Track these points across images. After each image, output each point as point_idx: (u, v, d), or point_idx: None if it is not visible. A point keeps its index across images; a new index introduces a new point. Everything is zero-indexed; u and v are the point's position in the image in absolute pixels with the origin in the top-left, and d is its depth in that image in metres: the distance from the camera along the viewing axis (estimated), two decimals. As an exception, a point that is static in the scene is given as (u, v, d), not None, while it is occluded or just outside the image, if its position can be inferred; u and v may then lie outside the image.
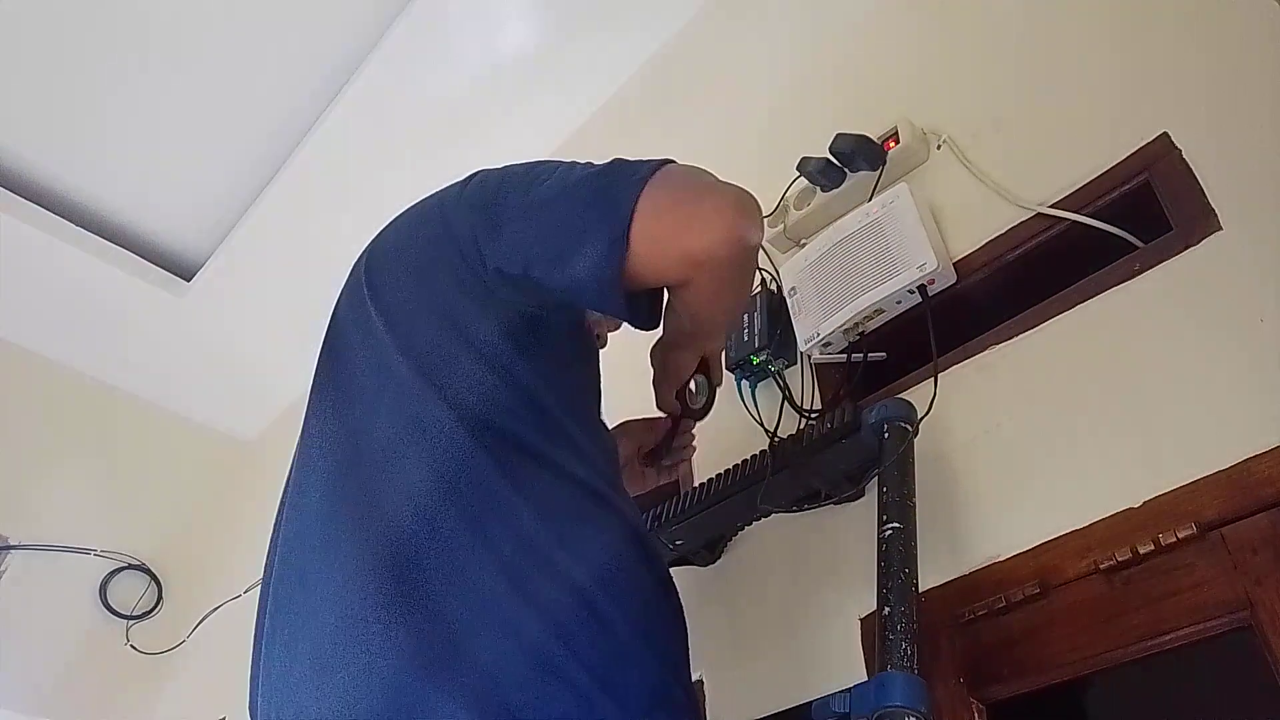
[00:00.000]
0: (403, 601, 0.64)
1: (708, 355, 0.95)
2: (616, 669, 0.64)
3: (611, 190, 0.72)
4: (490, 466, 0.69)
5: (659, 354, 0.94)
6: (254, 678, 0.75)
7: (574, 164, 0.79)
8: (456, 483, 0.68)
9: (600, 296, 0.71)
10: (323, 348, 0.87)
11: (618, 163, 0.77)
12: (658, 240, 0.71)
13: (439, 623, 0.63)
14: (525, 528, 0.67)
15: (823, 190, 1.23)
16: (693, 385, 0.97)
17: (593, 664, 0.63)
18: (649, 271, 0.72)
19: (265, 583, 0.79)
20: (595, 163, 0.79)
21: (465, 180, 0.84)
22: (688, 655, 0.75)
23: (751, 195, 0.77)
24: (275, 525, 0.84)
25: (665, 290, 0.79)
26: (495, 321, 0.75)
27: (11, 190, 2.26)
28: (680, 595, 1.19)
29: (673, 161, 0.77)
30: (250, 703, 0.75)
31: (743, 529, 1.12)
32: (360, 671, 0.62)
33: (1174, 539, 0.76)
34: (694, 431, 1.06)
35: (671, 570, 1.17)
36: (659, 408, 0.97)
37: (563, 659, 0.63)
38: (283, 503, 0.84)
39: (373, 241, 0.90)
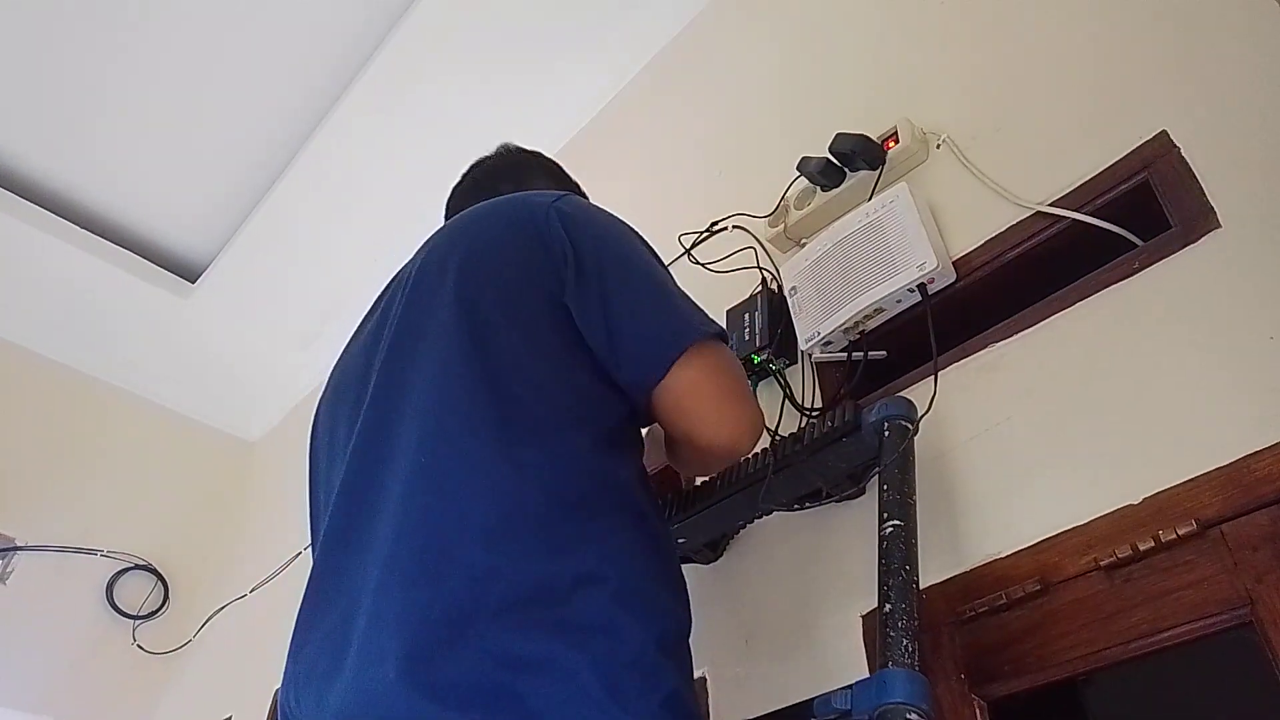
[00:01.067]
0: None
1: None
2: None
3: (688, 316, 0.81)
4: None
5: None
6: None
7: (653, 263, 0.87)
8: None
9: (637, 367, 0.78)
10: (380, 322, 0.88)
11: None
12: (688, 396, 0.79)
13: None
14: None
15: (823, 190, 1.23)
16: None
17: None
18: (659, 405, 0.79)
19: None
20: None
21: (557, 204, 0.86)
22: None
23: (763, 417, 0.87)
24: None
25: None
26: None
27: (18, 193, 2.27)
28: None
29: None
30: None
31: (744, 527, 1.13)
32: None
33: (1174, 536, 0.76)
34: None
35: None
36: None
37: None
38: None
39: (453, 235, 0.90)
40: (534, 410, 0.73)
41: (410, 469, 0.70)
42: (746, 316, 1.24)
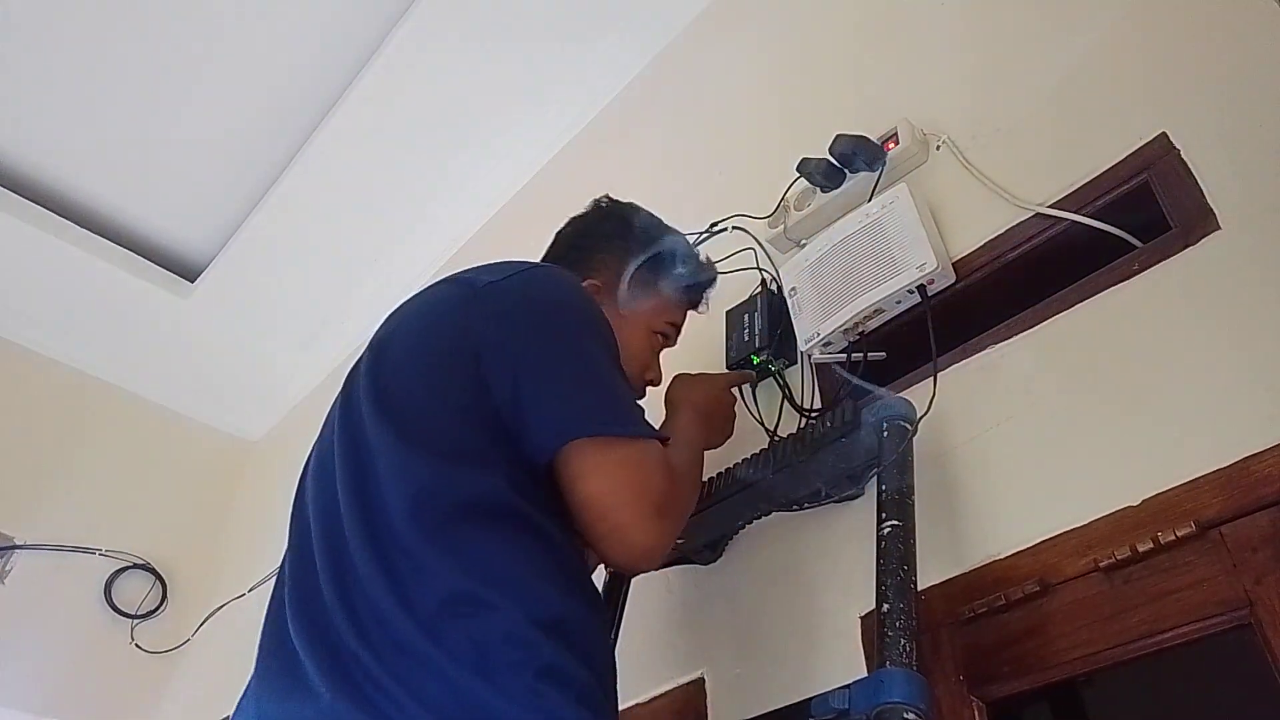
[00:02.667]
0: None
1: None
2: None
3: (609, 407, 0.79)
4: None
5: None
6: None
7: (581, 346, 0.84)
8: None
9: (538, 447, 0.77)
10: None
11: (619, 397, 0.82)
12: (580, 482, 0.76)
13: None
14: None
15: (823, 191, 1.23)
16: None
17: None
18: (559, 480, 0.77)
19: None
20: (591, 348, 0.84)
21: (484, 290, 0.86)
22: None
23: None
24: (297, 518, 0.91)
25: None
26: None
27: (17, 192, 2.27)
28: (682, 594, 1.20)
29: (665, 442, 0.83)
30: None
31: (744, 527, 1.13)
32: None
33: (1173, 537, 0.76)
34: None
35: (673, 569, 1.18)
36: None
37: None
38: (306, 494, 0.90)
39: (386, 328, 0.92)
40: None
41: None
42: (746, 317, 1.24)
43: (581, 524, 0.77)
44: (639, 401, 0.90)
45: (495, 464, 0.75)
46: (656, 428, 0.87)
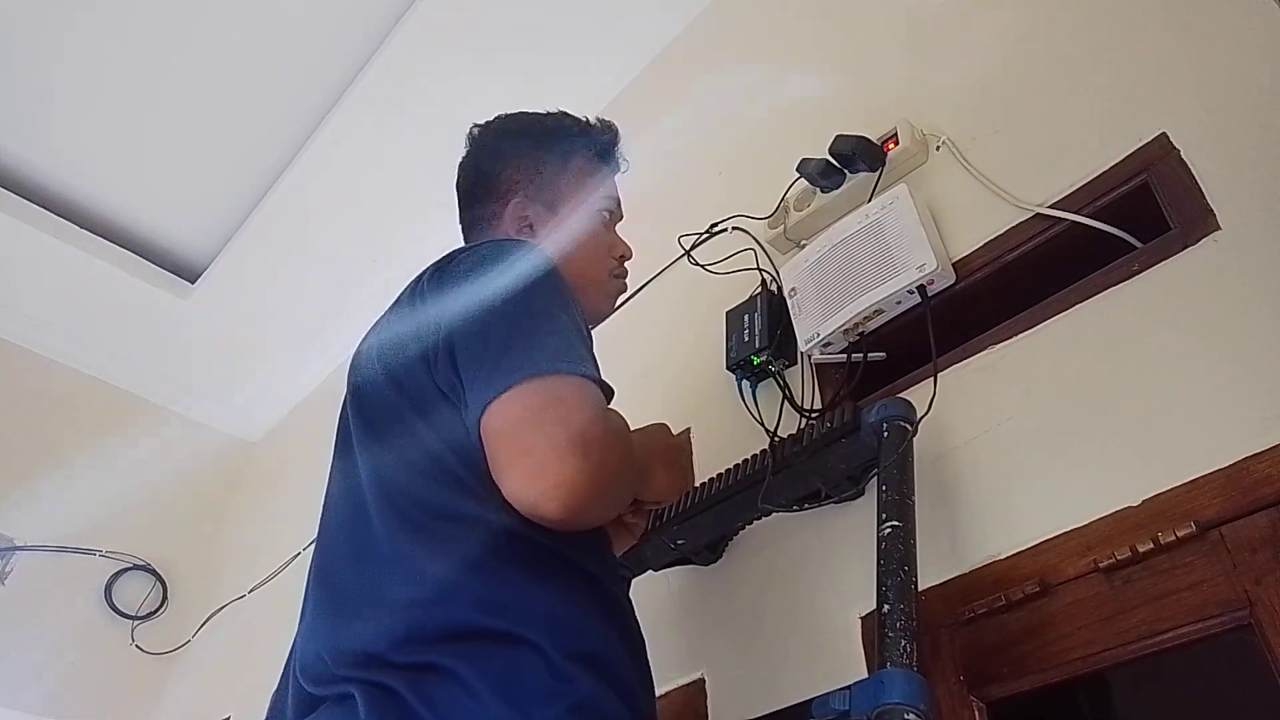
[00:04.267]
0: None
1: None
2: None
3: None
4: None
5: None
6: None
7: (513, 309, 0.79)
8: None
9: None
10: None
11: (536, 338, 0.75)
12: (495, 440, 0.71)
13: None
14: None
15: (822, 191, 1.23)
16: None
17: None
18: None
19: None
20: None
21: (428, 281, 0.86)
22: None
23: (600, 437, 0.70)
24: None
25: None
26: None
27: (17, 193, 2.27)
28: (682, 595, 1.19)
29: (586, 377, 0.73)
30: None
31: (744, 528, 1.13)
32: None
33: (1173, 538, 0.76)
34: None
35: (673, 570, 1.18)
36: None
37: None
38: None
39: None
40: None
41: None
42: (746, 318, 1.24)
43: (490, 460, 0.69)
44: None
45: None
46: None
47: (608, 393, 0.76)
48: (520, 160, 1.06)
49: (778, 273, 1.26)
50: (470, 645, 0.66)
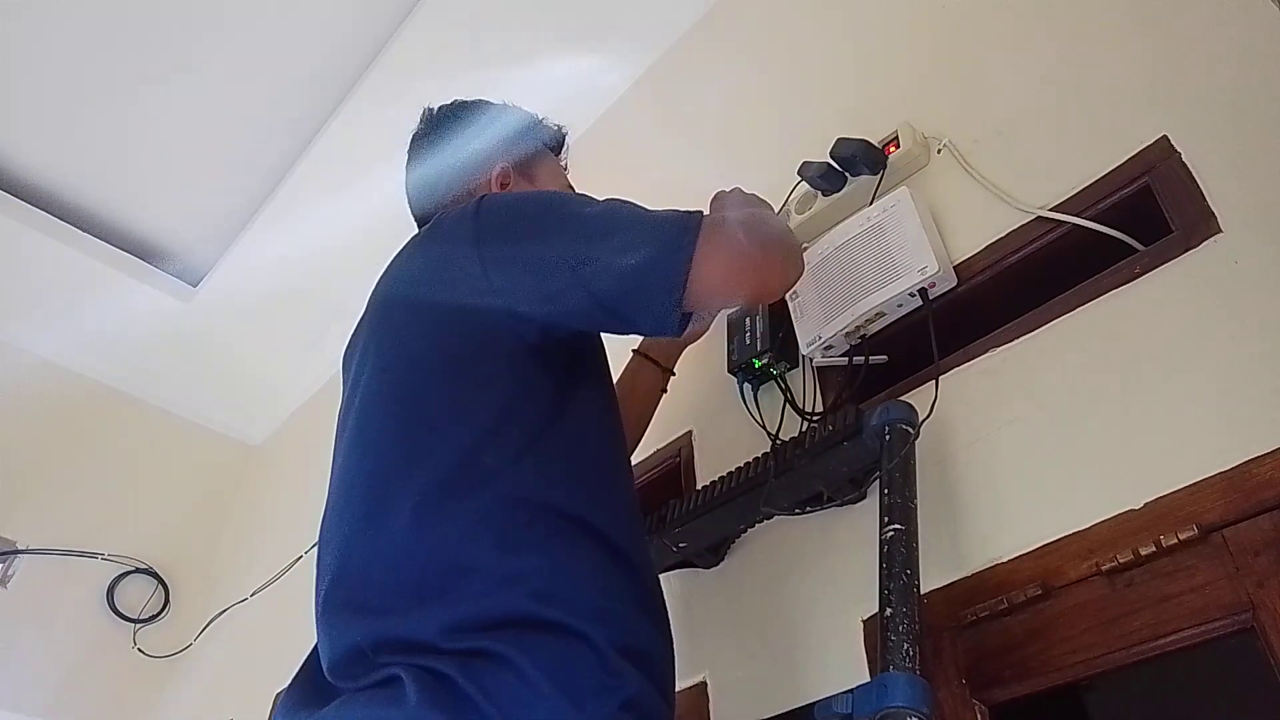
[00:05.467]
0: None
1: None
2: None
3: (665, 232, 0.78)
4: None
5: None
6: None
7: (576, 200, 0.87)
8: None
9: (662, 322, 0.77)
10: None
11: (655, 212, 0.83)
12: (726, 284, 0.78)
13: None
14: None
15: (824, 195, 1.24)
16: None
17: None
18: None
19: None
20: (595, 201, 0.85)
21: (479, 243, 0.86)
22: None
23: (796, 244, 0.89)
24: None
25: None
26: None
27: (19, 196, 2.28)
28: (684, 598, 1.19)
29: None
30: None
31: (746, 531, 1.13)
32: None
33: (1175, 541, 0.76)
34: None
35: (675, 573, 1.18)
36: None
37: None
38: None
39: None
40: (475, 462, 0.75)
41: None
42: (748, 320, 1.24)
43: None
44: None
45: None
46: None
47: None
48: (495, 138, 1.13)
49: (779, 276, 1.26)
50: (523, 633, 0.66)
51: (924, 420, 0.92)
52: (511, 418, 0.77)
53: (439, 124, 1.14)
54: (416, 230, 1.09)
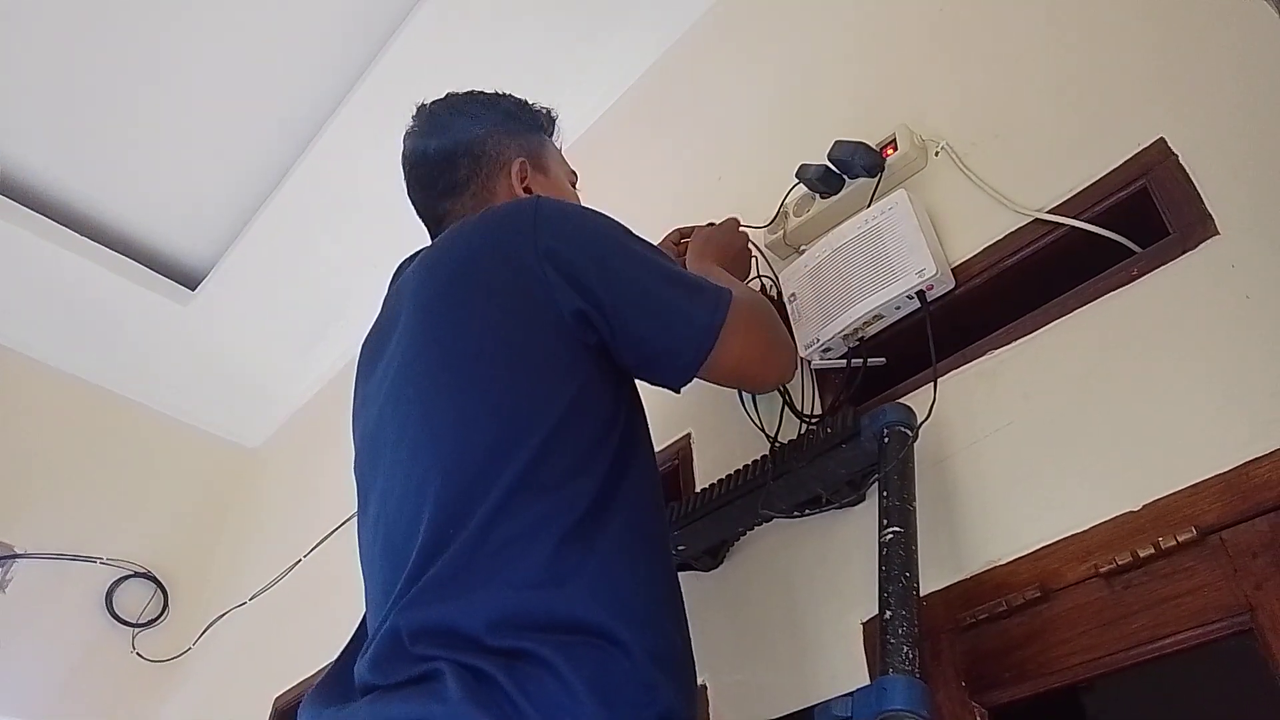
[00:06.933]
0: None
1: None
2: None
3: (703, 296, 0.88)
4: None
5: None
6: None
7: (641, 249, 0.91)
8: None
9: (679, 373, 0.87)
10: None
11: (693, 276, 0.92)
12: (738, 363, 0.89)
13: None
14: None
15: (821, 197, 1.24)
16: None
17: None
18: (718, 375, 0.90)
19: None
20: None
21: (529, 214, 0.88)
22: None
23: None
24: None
25: None
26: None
27: (18, 201, 2.28)
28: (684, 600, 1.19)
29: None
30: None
31: (744, 534, 1.13)
32: None
33: (1174, 543, 0.76)
34: None
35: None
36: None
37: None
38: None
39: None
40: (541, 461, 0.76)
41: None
42: (746, 323, 1.24)
43: (741, 384, 1.02)
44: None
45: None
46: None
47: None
48: (500, 127, 1.12)
49: (777, 278, 1.26)
50: (567, 637, 0.66)
51: (922, 422, 0.92)
52: (577, 416, 0.79)
53: (435, 118, 1.14)
54: (416, 229, 1.10)
